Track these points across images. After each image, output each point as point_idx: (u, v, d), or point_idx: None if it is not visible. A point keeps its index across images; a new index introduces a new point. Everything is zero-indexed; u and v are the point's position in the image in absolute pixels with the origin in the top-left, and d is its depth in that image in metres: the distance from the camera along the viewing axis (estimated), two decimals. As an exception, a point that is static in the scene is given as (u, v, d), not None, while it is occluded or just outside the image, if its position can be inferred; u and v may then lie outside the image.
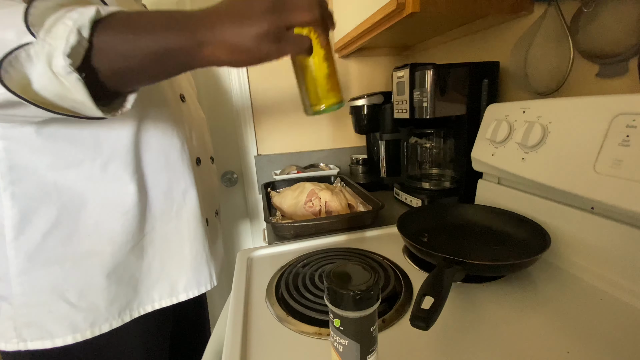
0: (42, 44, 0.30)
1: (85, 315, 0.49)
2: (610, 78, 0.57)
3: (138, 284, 0.54)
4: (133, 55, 0.33)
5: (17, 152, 0.44)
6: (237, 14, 0.33)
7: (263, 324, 0.44)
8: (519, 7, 0.69)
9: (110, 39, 0.32)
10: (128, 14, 0.33)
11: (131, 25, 0.33)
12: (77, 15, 0.30)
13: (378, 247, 0.63)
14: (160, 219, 0.55)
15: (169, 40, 0.33)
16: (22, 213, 0.46)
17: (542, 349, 0.37)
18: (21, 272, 0.47)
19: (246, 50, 0.34)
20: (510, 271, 0.50)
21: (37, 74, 0.30)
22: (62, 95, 0.32)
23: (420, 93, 0.75)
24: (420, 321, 0.33)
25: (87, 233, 0.49)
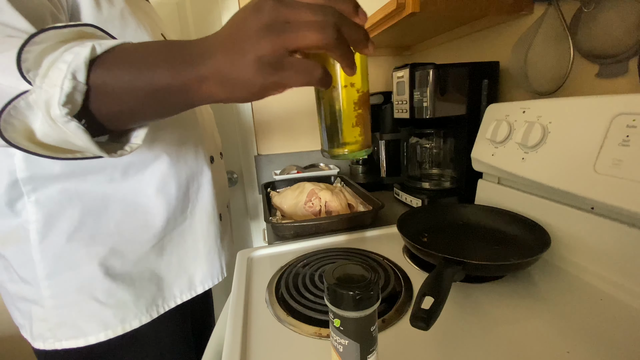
0: (39, 92, 0.28)
1: (115, 312, 0.51)
2: (610, 78, 0.57)
3: (160, 281, 0.56)
4: (130, 96, 0.30)
5: (37, 162, 0.45)
6: (230, 39, 0.28)
7: (263, 324, 0.44)
8: (519, 7, 0.69)
9: (107, 79, 0.30)
10: (124, 49, 0.31)
11: (127, 61, 0.30)
12: (72, 57, 0.28)
13: (378, 247, 0.63)
14: (178, 218, 0.57)
15: (161, 77, 0.29)
16: (46, 218, 0.47)
17: (542, 349, 0.37)
18: (49, 275, 0.48)
19: (242, 83, 0.28)
20: (510, 271, 0.50)
21: (39, 122, 0.29)
22: (65, 141, 0.30)
23: (420, 93, 0.75)
24: (420, 321, 0.33)
25: (109, 233, 0.50)
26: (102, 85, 0.29)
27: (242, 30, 0.27)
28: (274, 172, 1.18)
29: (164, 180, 0.54)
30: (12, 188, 0.45)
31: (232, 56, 0.27)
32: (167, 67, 0.29)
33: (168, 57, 0.30)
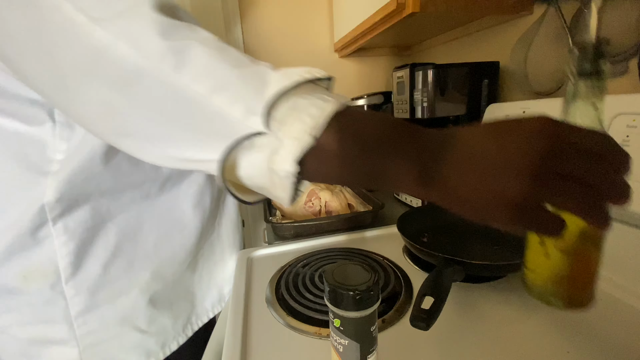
0: (272, 138, 0.25)
1: (157, 339, 0.48)
2: (610, 78, 0.57)
3: (193, 298, 0.54)
4: (346, 167, 0.26)
5: (70, 182, 0.39)
6: (492, 167, 0.24)
7: (263, 324, 0.44)
8: (519, 7, 0.69)
9: (335, 144, 0.25)
10: (354, 116, 0.27)
11: (358, 132, 0.26)
12: (318, 112, 0.25)
13: (378, 247, 0.63)
14: (209, 230, 0.56)
15: (398, 169, 0.26)
16: (79, 246, 0.41)
17: (542, 349, 0.37)
18: (84, 311, 0.43)
19: (475, 210, 0.26)
20: (510, 271, 0.50)
21: (250, 163, 0.26)
22: (262, 187, 0.27)
23: (420, 93, 0.75)
24: (420, 321, 0.33)
25: (148, 256, 0.47)
26: (329, 148, 0.25)
27: (511, 167, 0.23)
28: (274, 172, 1.18)
29: (201, 192, 0.51)
30: (38, 214, 0.39)
31: (480, 186, 0.24)
32: (400, 162, 0.25)
33: (404, 150, 0.26)
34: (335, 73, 1.25)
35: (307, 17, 1.18)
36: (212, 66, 0.25)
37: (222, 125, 0.25)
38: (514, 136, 0.24)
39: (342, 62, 1.25)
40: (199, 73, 0.25)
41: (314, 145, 0.24)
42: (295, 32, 1.18)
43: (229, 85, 0.25)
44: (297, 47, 1.19)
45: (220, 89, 0.25)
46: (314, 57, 1.22)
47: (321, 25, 1.20)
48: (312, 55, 1.21)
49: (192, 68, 0.25)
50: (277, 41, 1.17)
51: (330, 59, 1.23)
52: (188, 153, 0.27)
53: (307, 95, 0.26)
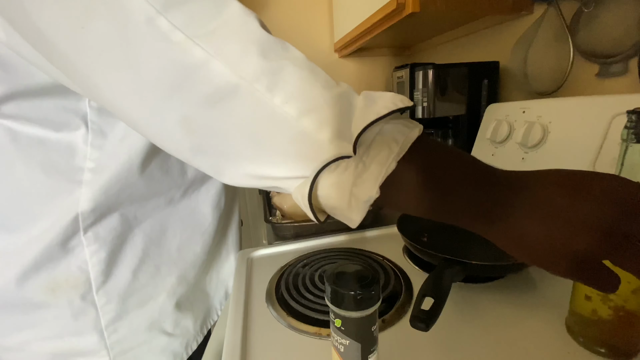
0: (357, 162, 0.25)
1: (181, 341, 0.50)
2: (610, 78, 0.57)
3: (207, 297, 0.56)
4: (417, 198, 0.27)
5: (105, 191, 0.39)
6: (563, 222, 0.24)
7: (263, 324, 0.44)
8: (519, 7, 0.69)
9: (412, 172, 0.26)
10: (430, 145, 0.27)
11: (433, 163, 0.27)
12: (402, 138, 0.25)
13: (378, 247, 0.63)
14: (221, 231, 0.57)
15: (464, 206, 0.27)
16: (109, 254, 0.41)
17: (542, 349, 0.37)
18: (115, 318, 0.43)
19: (536, 257, 0.26)
20: (511, 271, 0.50)
21: (332, 185, 0.26)
22: (336, 208, 0.27)
23: (420, 93, 0.75)
24: (420, 322, 0.33)
25: (172, 261, 0.48)
26: (403, 178, 0.26)
27: (576, 222, 0.24)
28: (273, 172, 1.18)
29: (219, 195, 0.52)
30: (71, 224, 0.38)
31: (548, 238, 0.25)
32: (467, 198, 0.26)
33: (474, 187, 0.26)
34: (335, 73, 1.25)
35: (307, 17, 1.18)
36: (303, 88, 0.25)
37: (309, 147, 0.25)
38: (588, 194, 0.25)
39: (342, 62, 1.25)
40: (290, 95, 0.25)
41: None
42: (295, 32, 1.18)
43: (319, 109, 0.25)
44: (297, 47, 1.18)
45: (310, 112, 0.25)
46: (314, 57, 1.22)
47: (321, 25, 1.20)
48: (312, 55, 1.21)
49: (284, 89, 0.25)
50: (277, 41, 1.18)
51: (330, 59, 1.23)
52: (268, 171, 0.27)
53: (392, 121, 0.26)
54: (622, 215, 0.24)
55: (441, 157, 0.27)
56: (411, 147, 0.25)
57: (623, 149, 0.32)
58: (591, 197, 0.24)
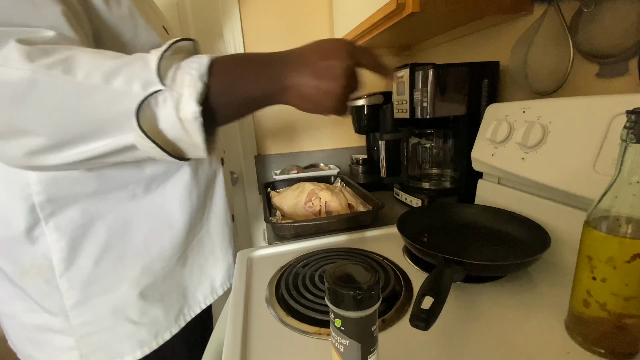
0: (170, 92, 0.32)
1: (149, 329, 0.51)
2: (610, 78, 0.57)
3: (185, 290, 0.57)
4: (236, 100, 0.37)
5: (55, 182, 0.42)
6: (321, 73, 0.38)
7: (263, 323, 0.44)
8: (519, 7, 0.69)
9: (220, 86, 0.35)
10: (227, 61, 0.36)
11: (233, 72, 0.36)
12: (197, 65, 0.33)
13: (378, 247, 0.63)
14: (197, 226, 0.57)
15: (262, 86, 0.38)
16: (70, 243, 0.44)
17: (542, 349, 0.37)
18: (78, 303, 0.46)
19: (313, 104, 0.39)
20: (510, 271, 0.50)
21: (163, 118, 0.32)
22: (179, 138, 0.34)
23: (420, 93, 0.75)
24: (420, 321, 0.33)
25: (137, 253, 0.49)
26: (217, 91, 0.35)
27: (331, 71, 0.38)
28: (274, 172, 1.19)
29: (187, 190, 0.53)
30: (30, 214, 0.42)
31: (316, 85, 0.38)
32: (266, 77, 0.38)
33: (266, 69, 0.38)
34: (335, 73, 1.25)
35: (307, 17, 1.18)
36: (97, 62, 0.31)
37: (128, 100, 0.31)
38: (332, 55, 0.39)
39: (342, 62, 1.25)
40: (89, 69, 0.30)
41: (207, 90, 0.33)
42: (295, 32, 1.18)
43: (119, 71, 0.31)
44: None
45: (113, 75, 0.31)
46: (314, 57, 1.22)
47: (321, 25, 1.20)
48: (312, 55, 1.22)
49: (81, 67, 0.30)
50: (277, 41, 1.17)
51: (330, 59, 1.23)
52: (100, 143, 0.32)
53: (186, 59, 0.34)
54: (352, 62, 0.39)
55: (237, 63, 0.37)
56: (213, 66, 0.34)
57: (623, 149, 0.32)
58: (333, 54, 0.39)
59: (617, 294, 0.33)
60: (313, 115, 1.29)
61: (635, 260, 0.31)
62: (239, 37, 1.14)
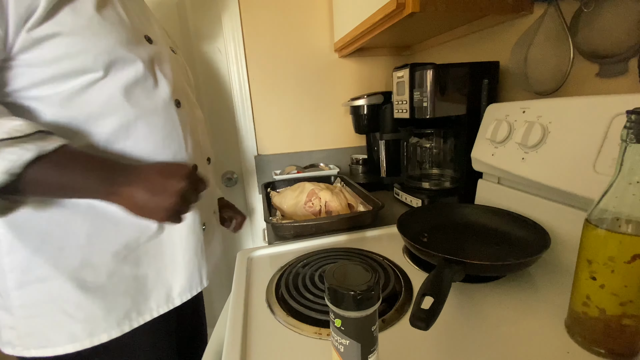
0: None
1: (84, 326, 0.50)
2: (610, 78, 0.57)
3: (135, 294, 0.54)
4: (54, 190, 0.43)
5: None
6: (157, 190, 0.45)
7: (263, 323, 0.44)
8: (519, 7, 0.69)
9: (40, 176, 0.40)
10: (59, 155, 0.41)
11: (60, 165, 0.41)
12: (15, 157, 0.38)
13: (378, 247, 0.63)
14: (155, 229, 0.55)
15: (88, 185, 0.43)
16: (13, 229, 0.47)
17: (542, 349, 0.37)
18: (18, 286, 0.48)
19: (146, 212, 0.46)
20: (510, 271, 0.50)
21: None
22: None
23: (420, 93, 0.75)
24: (420, 321, 0.33)
25: (79, 245, 0.49)
26: (32, 179, 0.40)
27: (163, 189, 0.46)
28: (274, 172, 1.19)
29: None
30: None
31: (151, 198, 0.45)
32: (95, 181, 0.44)
33: (98, 173, 0.44)
34: (335, 73, 1.25)
35: (307, 17, 1.18)
36: None
37: None
38: (169, 174, 0.47)
39: (342, 62, 1.24)
40: None
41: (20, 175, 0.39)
42: (295, 32, 1.18)
43: None
44: (297, 47, 1.19)
45: None
46: (314, 57, 1.22)
47: (321, 25, 1.20)
48: (312, 55, 1.21)
49: None
50: (277, 41, 1.17)
51: (330, 59, 1.23)
52: None
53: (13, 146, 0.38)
54: (187, 186, 0.47)
55: (64, 158, 0.42)
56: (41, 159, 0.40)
57: (623, 149, 0.32)
58: (171, 176, 0.47)
59: (617, 294, 0.33)
60: (313, 115, 1.29)
61: (635, 261, 0.31)
62: (239, 38, 1.14)
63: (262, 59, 1.18)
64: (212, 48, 1.19)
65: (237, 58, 1.16)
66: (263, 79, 1.20)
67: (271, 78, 1.21)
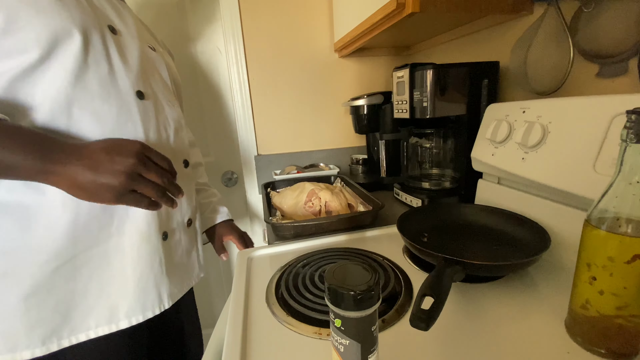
0: None
1: (5, 341, 0.46)
2: (610, 78, 0.57)
3: (69, 310, 0.48)
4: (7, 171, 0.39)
5: None
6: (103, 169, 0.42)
7: (263, 323, 0.44)
8: (519, 7, 0.69)
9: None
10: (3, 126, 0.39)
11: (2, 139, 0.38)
12: None
13: (378, 247, 0.63)
14: (98, 236, 0.49)
15: (25, 162, 0.39)
16: None
17: (542, 349, 0.37)
18: None
19: (88, 193, 0.42)
20: (510, 271, 0.50)
21: None
22: None
23: (420, 93, 0.75)
24: (420, 322, 0.33)
25: (2, 251, 0.45)
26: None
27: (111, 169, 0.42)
28: (274, 172, 1.18)
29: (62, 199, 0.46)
30: None
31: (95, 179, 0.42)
32: (30, 155, 0.40)
33: (34, 147, 0.40)
34: (335, 73, 1.25)
35: (307, 17, 1.18)
36: None
37: None
38: (116, 150, 0.43)
39: (342, 62, 1.24)
40: None
41: None
42: (295, 32, 1.18)
43: None
44: (297, 47, 1.19)
45: None
46: (314, 57, 1.22)
47: (321, 25, 1.20)
48: (312, 55, 1.21)
49: None
50: (277, 41, 1.17)
51: (330, 59, 1.23)
52: None
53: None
54: (137, 163, 0.44)
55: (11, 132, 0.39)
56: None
57: (623, 149, 0.32)
58: (120, 153, 0.43)
59: (617, 294, 0.33)
60: (313, 115, 1.29)
61: (635, 262, 0.31)
62: (239, 38, 1.14)
63: (262, 59, 1.18)
64: (212, 48, 1.19)
65: (237, 58, 1.16)
66: (263, 79, 1.20)
67: (271, 78, 1.21)
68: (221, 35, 1.16)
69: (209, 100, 1.22)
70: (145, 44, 0.59)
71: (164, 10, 1.12)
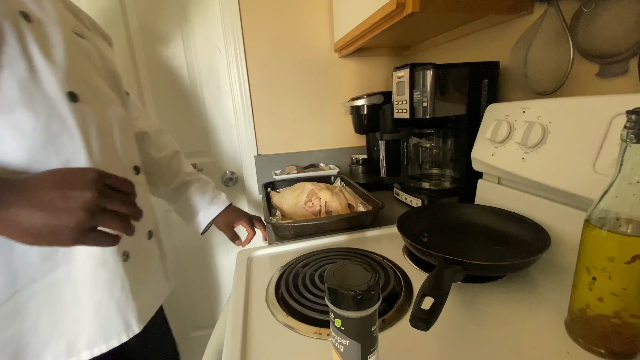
0: None
1: None
2: (610, 78, 0.57)
3: (19, 350, 0.44)
4: None
5: None
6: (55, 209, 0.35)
7: (263, 324, 0.44)
8: (519, 7, 0.69)
9: None
10: None
11: None
12: None
13: (378, 247, 0.63)
14: (41, 267, 0.44)
15: None
16: None
17: (542, 349, 0.37)
18: None
19: (39, 238, 0.36)
20: (510, 271, 0.50)
21: None
22: None
23: (420, 93, 0.75)
24: (420, 322, 0.33)
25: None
26: None
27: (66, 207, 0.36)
28: (274, 172, 1.18)
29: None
30: None
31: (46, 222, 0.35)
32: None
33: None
34: (335, 73, 1.25)
35: (307, 17, 1.18)
36: None
37: None
38: (69, 184, 0.36)
39: (342, 62, 1.24)
40: None
41: None
42: (295, 32, 1.18)
43: None
44: (297, 47, 1.19)
45: None
46: (314, 57, 1.22)
47: (321, 25, 1.20)
48: (312, 55, 1.21)
49: None
50: (277, 41, 1.17)
51: (330, 59, 1.23)
52: None
53: None
54: (98, 196, 0.37)
55: None
56: None
57: (623, 149, 0.32)
58: (71, 185, 0.36)
59: (617, 294, 0.33)
60: (313, 115, 1.29)
61: (635, 262, 0.31)
62: (239, 38, 1.14)
63: (262, 59, 1.18)
64: (212, 48, 1.19)
65: (237, 58, 1.15)
66: (263, 79, 1.20)
67: (271, 78, 1.21)
68: (221, 35, 1.16)
69: (209, 100, 1.22)
70: (66, 29, 0.47)
71: (164, 10, 1.12)
